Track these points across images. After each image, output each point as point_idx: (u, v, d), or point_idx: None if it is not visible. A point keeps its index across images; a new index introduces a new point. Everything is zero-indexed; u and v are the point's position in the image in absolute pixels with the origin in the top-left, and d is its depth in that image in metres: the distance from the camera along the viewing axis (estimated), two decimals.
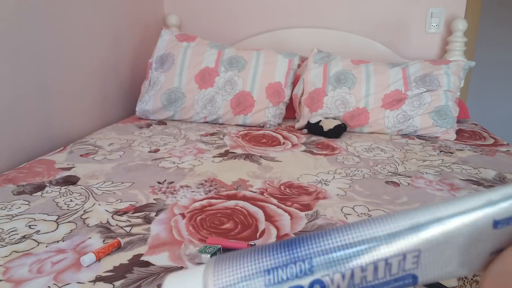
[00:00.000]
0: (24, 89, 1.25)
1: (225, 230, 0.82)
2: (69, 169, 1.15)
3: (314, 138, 1.51)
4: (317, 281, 0.18)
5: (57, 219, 0.86)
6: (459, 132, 1.61)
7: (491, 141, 1.51)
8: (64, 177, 1.09)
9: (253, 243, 0.74)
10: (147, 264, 0.70)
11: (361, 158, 1.29)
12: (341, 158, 1.29)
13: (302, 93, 1.67)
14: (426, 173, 1.17)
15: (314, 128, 1.54)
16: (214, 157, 1.27)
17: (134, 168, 1.16)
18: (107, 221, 0.85)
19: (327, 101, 1.60)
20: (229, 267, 0.19)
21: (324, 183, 1.07)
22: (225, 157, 1.27)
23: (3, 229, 0.81)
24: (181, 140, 1.44)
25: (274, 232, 0.82)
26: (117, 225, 0.84)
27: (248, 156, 1.28)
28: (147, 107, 1.69)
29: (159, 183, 1.06)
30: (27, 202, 0.93)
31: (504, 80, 3.08)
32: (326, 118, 1.57)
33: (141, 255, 0.73)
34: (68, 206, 0.92)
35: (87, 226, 0.83)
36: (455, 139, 1.53)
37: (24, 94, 1.25)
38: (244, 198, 0.97)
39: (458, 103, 1.69)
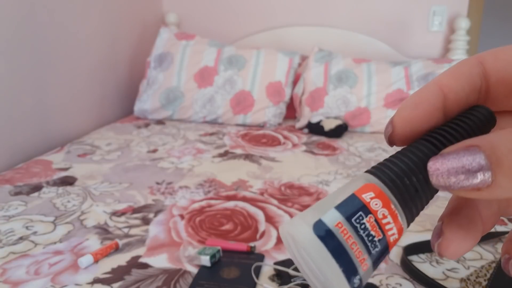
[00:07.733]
0: (21, 89, 1.24)
1: (224, 231, 0.81)
2: (66, 169, 1.13)
3: (315, 138, 1.49)
4: None
5: (54, 220, 0.85)
6: None
7: None
8: (61, 177, 1.08)
9: (253, 245, 0.73)
10: (146, 266, 0.69)
11: (362, 158, 1.28)
12: (342, 158, 1.28)
13: (303, 92, 1.65)
14: None
15: (315, 128, 1.52)
16: (213, 157, 1.26)
17: (132, 168, 1.15)
18: (105, 222, 0.84)
19: (328, 101, 1.59)
20: None
21: (325, 184, 1.06)
22: (224, 157, 1.26)
23: (0, 230, 0.80)
24: (180, 140, 1.43)
25: (274, 233, 0.80)
26: (115, 226, 0.83)
27: (248, 156, 1.27)
28: (146, 107, 1.67)
29: (157, 183, 1.04)
30: (24, 203, 0.92)
31: None
32: (327, 117, 1.56)
33: (139, 256, 0.72)
34: (65, 207, 0.90)
35: (85, 227, 0.82)
36: None
37: (21, 94, 1.24)
38: (244, 199, 0.95)
39: None
